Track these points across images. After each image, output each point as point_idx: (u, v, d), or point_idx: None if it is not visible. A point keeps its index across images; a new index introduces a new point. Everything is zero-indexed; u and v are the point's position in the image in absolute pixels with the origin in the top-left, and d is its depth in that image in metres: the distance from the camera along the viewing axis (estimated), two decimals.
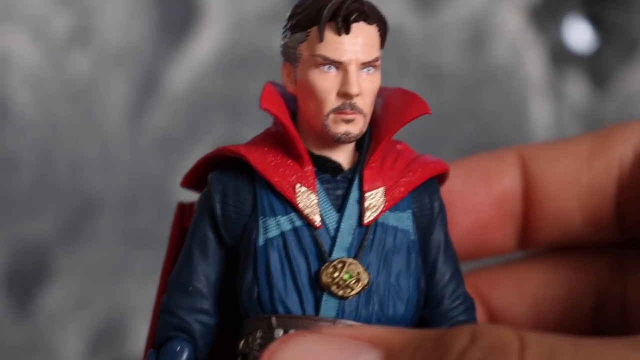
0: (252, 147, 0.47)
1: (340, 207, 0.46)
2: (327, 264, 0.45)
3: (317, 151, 0.47)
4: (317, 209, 0.46)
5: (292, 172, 0.46)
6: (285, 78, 0.47)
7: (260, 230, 0.46)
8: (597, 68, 0.96)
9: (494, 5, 0.95)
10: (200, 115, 0.96)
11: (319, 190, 0.46)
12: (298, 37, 0.46)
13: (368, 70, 0.46)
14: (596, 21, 0.95)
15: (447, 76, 0.96)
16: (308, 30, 0.46)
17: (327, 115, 0.46)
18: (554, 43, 0.96)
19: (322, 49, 0.45)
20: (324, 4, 0.45)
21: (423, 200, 0.48)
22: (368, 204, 0.46)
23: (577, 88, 0.96)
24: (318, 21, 0.45)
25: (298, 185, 0.46)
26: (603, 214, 0.59)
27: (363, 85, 0.46)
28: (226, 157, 0.48)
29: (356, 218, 0.46)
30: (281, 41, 0.47)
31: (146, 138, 0.96)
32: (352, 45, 0.45)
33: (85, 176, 0.96)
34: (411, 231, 0.47)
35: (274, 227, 0.46)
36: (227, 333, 0.48)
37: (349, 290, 0.45)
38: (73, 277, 0.96)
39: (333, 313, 0.45)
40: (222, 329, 0.48)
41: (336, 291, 0.45)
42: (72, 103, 0.96)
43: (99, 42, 0.96)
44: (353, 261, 0.45)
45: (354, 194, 0.46)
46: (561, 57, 0.96)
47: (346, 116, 0.45)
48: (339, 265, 0.45)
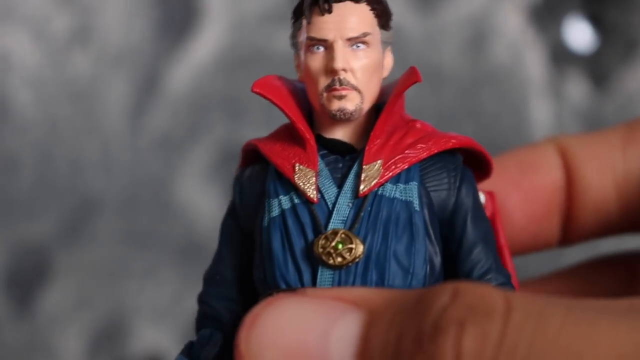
0: (267, 138, 0.49)
1: (340, 184, 0.47)
2: (320, 236, 0.45)
3: (328, 134, 0.48)
4: (314, 185, 0.46)
5: (295, 154, 0.47)
6: (296, 69, 0.49)
7: (265, 211, 0.47)
8: (597, 68, 0.96)
9: (494, 5, 0.95)
10: (200, 115, 0.96)
11: (322, 169, 0.47)
12: (296, 26, 0.48)
13: (357, 46, 0.47)
14: (596, 21, 0.95)
15: (447, 76, 0.96)
16: (301, 17, 0.48)
17: (321, 94, 0.47)
18: (554, 43, 0.96)
19: (310, 31, 0.47)
20: None
21: (439, 174, 0.47)
22: (364, 176, 0.46)
23: (577, 88, 0.96)
24: (304, 6, 0.47)
25: (297, 164, 0.47)
26: (638, 203, 0.58)
27: (352, 61, 0.46)
28: (254, 152, 0.49)
29: (354, 191, 0.46)
30: None
31: (146, 138, 0.96)
32: (336, 23, 0.46)
33: (85, 176, 0.96)
34: (415, 202, 0.46)
35: (276, 207, 0.47)
36: None
37: (340, 259, 0.45)
38: (73, 277, 0.96)
39: (329, 284, 0.45)
40: None
41: (327, 260, 0.45)
42: (73, 103, 0.96)
43: (99, 42, 0.96)
44: (345, 231, 0.45)
45: (355, 169, 0.47)
46: (561, 57, 0.96)
47: (337, 92, 0.46)
48: (331, 235, 0.45)
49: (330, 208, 0.46)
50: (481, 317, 0.38)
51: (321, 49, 0.47)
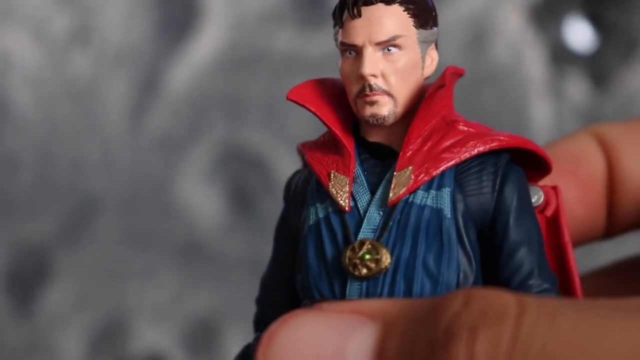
0: (313, 142, 0.48)
1: (374, 190, 0.46)
2: (349, 246, 0.45)
3: (371, 138, 0.47)
4: (348, 194, 0.45)
5: (333, 161, 0.46)
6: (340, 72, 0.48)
7: (305, 219, 0.47)
8: (598, 68, 0.96)
9: (494, 4, 0.95)
10: (200, 115, 0.96)
11: (358, 175, 0.46)
12: (336, 31, 0.47)
13: (388, 50, 0.46)
14: (596, 21, 0.95)
15: None
16: (338, 22, 0.47)
17: (354, 100, 0.46)
18: (554, 43, 0.96)
19: (342, 36, 0.46)
20: None
21: (479, 177, 0.46)
22: (394, 184, 0.45)
23: (578, 87, 0.96)
24: (336, 10, 0.46)
25: (333, 172, 0.46)
26: None
27: (382, 65, 0.45)
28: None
29: (384, 199, 0.45)
30: None
31: (146, 138, 0.96)
32: (365, 27, 0.45)
33: (85, 176, 0.96)
34: (447, 209, 0.45)
35: (313, 215, 0.46)
36: None
37: (366, 270, 0.44)
38: (73, 277, 0.96)
39: (357, 295, 0.45)
40: None
41: (353, 271, 0.44)
42: (73, 103, 0.96)
43: (100, 42, 0.96)
44: (372, 241, 0.44)
45: (388, 176, 0.46)
46: (561, 57, 0.96)
47: (368, 98, 0.45)
48: (358, 246, 0.45)
49: (361, 216, 0.45)
50: (493, 321, 0.37)
51: (353, 54, 0.46)
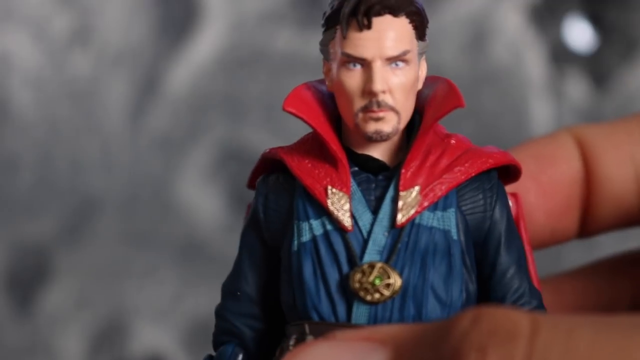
0: (293, 149, 0.46)
1: (375, 209, 0.44)
2: (356, 269, 0.43)
3: (359, 149, 0.45)
4: (349, 212, 0.44)
5: (327, 174, 0.45)
6: (325, 76, 0.46)
7: (295, 234, 0.45)
8: (597, 67, 0.96)
9: (494, 4, 0.95)
10: (200, 115, 0.96)
11: (355, 191, 0.44)
12: (328, 35, 0.45)
13: (396, 64, 0.44)
14: (596, 21, 0.95)
15: (447, 75, 0.96)
16: (335, 27, 0.44)
17: (357, 114, 0.44)
18: (554, 42, 0.96)
19: (346, 47, 0.44)
20: (347, 0, 0.44)
21: (475, 196, 0.45)
22: (401, 205, 0.44)
23: (577, 87, 0.96)
24: (340, 18, 0.44)
25: (330, 187, 0.44)
26: None
27: (391, 81, 0.44)
28: (275, 160, 0.46)
29: (390, 219, 0.44)
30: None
31: (146, 138, 0.96)
32: (375, 40, 0.43)
33: (85, 176, 0.96)
34: (453, 231, 0.44)
35: (307, 231, 0.44)
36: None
37: (378, 295, 0.43)
38: (73, 277, 0.96)
39: (365, 319, 0.43)
40: (277, 335, 0.47)
41: (364, 296, 0.43)
42: (73, 103, 0.96)
43: (99, 43, 0.96)
44: (383, 265, 0.43)
45: (390, 194, 0.44)
46: (561, 57, 0.96)
47: (374, 114, 0.44)
48: (368, 269, 0.43)
49: (365, 237, 0.44)
50: (504, 341, 0.37)
51: (358, 67, 0.44)
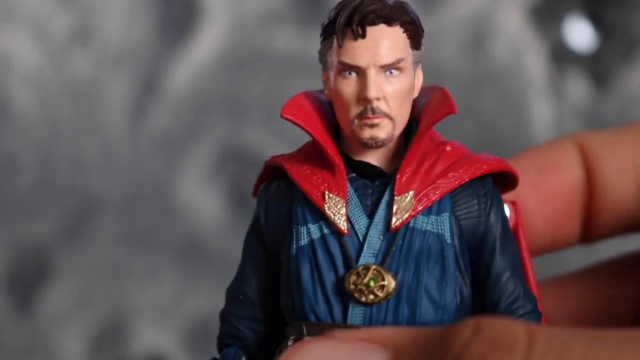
0: (294, 157, 0.47)
1: (371, 213, 0.45)
2: (352, 271, 0.44)
3: (357, 156, 0.46)
4: (345, 216, 0.45)
5: (324, 180, 0.46)
6: (324, 85, 0.47)
7: (293, 238, 0.46)
8: (598, 67, 0.96)
9: (495, 4, 0.95)
10: (201, 115, 0.96)
11: (351, 196, 0.46)
12: (326, 45, 0.46)
13: (391, 72, 0.45)
14: (597, 20, 0.95)
15: (448, 75, 0.96)
16: (332, 37, 0.46)
17: (352, 121, 0.45)
18: (555, 42, 0.96)
19: (342, 55, 0.45)
20: (342, 10, 0.45)
21: (469, 202, 0.46)
22: (396, 208, 0.45)
23: (578, 87, 0.96)
24: (336, 28, 0.45)
25: (327, 192, 0.45)
26: None
27: (385, 88, 0.45)
28: (277, 167, 0.48)
29: (385, 223, 0.45)
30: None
31: (147, 138, 0.96)
32: (370, 49, 0.45)
33: (86, 176, 0.96)
34: (447, 235, 0.45)
35: (305, 235, 0.46)
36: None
37: (372, 296, 0.44)
38: (74, 277, 0.96)
39: (360, 320, 0.44)
40: (279, 337, 0.48)
41: (359, 297, 0.44)
42: (73, 103, 0.96)
43: (100, 43, 0.96)
44: (377, 267, 0.44)
45: (385, 199, 0.45)
46: (562, 57, 0.96)
47: (369, 121, 0.45)
48: (363, 271, 0.44)
49: (360, 240, 0.45)
50: (502, 352, 0.37)
51: (353, 75, 0.45)
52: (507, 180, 0.49)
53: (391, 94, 0.45)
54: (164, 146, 0.96)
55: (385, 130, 0.45)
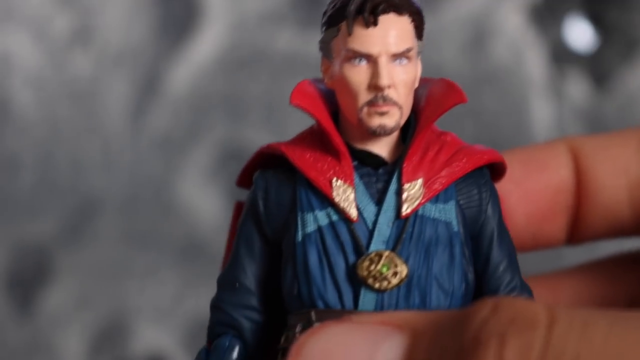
0: (293, 144, 0.47)
1: (379, 201, 0.46)
2: (364, 257, 0.45)
3: (359, 145, 0.47)
4: (354, 203, 0.45)
5: (330, 167, 0.46)
6: (323, 74, 0.47)
7: (298, 225, 0.46)
8: (598, 67, 0.96)
9: (495, 4, 0.95)
10: (201, 115, 0.96)
11: (357, 184, 0.46)
12: (330, 33, 0.46)
13: (400, 61, 0.46)
14: (597, 20, 0.95)
15: (448, 75, 0.96)
16: (339, 25, 0.46)
17: (361, 108, 0.45)
18: (555, 42, 0.96)
19: (352, 43, 0.45)
20: None
21: (471, 191, 0.47)
22: (406, 196, 0.45)
23: (578, 87, 0.96)
24: (346, 15, 0.45)
25: (335, 179, 0.46)
26: None
27: (395, 77, 0.45)
28: (272, 156, 0.48)
29: (395, 211, 0.45)
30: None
31: (147, 138, 0.96)
32: (381, 37, 0.45)
33: (86, 176, 0.96)
34: (454, 223, 0.46)
35: (312, 222, 0.46)
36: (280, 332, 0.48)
37: (386, 283, 0.44)
38: (74, 277, 0.96)
39: (371, 306, 0.45)
40: (275, 328, 0.48)
41: (373, 284, 0.44)
42: (73, 103, 0.96)
43: (100, 43, 0.96)
44: (390, 253, 0.45)
45: (393, 187, 0.46)
46: (562, 57, 0.96)
47: (379, 109, 0.45)
48: (376, 258, 0.45)
49: (370, 227, 0.45)
50: (523, 329, 0.37)
51: (363, 62, 0.45)
52: (495, 171, 0.49)
53: (400, 83, 0.46)
54: (164, 146, 0.96)
55: (393, 118, 0.46)
